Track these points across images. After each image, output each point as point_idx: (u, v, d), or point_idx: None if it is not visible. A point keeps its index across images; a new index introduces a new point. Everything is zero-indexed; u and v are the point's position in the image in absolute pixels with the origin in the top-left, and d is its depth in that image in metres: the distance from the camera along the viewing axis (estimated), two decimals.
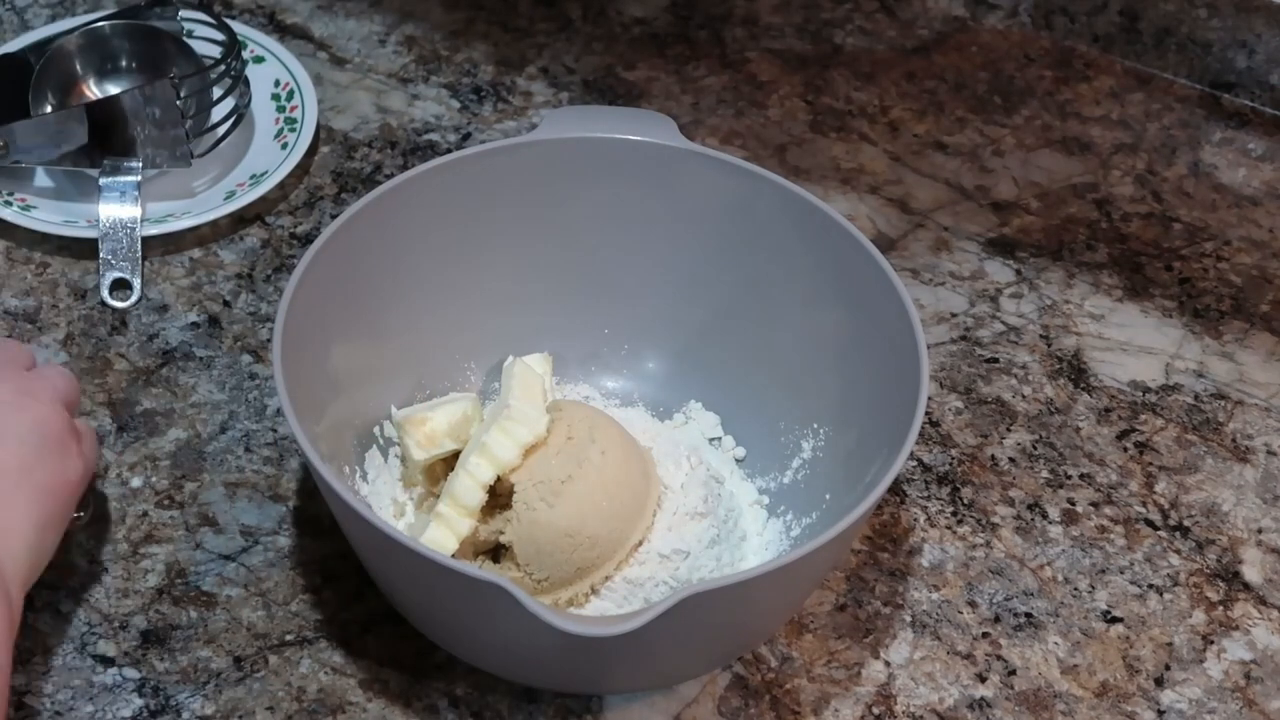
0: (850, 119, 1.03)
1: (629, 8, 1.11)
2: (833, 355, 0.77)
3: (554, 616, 0.59)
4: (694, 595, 0.60)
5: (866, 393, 0.74)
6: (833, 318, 0.76)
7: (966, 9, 1.12)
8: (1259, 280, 0.94)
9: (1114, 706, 0.72)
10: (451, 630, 0.70)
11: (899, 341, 0.71)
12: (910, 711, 0.71)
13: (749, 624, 0.70)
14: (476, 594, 0.62)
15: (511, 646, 0.67)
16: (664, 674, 0.71)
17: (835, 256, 0.75)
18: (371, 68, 1.04)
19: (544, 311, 0.82)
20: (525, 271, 0.81)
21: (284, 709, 0.70)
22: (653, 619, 0.59)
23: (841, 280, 0.76)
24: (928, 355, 0.70)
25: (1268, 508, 0.82)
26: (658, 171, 0.79)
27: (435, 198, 0.77)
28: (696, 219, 0.79)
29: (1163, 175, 1.01)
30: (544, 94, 1.03)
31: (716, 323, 0.81)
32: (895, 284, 0.72)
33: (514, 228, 0.80)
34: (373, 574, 0.72)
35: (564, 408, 0.74)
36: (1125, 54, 1.08)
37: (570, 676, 0.70)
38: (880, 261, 0.73)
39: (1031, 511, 0.80)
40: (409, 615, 0.71)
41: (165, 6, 0.96)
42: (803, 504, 0.77)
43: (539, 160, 0.79)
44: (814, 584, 0.73)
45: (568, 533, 0.70)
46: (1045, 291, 0.92)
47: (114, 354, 0.85)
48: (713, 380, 0.82)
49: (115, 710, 0.70)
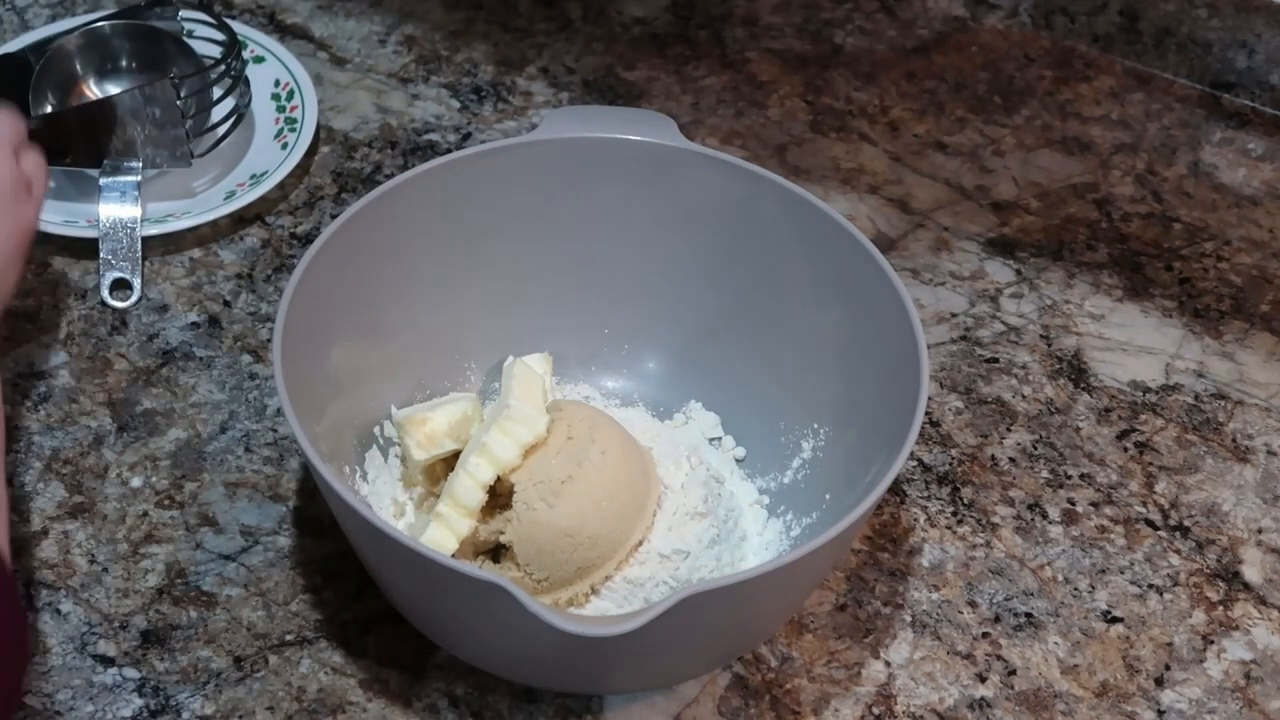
0: (850, 119, 1.03)
1: (629, 8, 1.11)
2: (833, 355, 0.77)
3: (554, 616, 0.59)
4: (694, 595, 0.60)
5: (866, 392, 0.74)
6: (832, 317, 0.76)
7: (966, 9, 1.12)
8: (1259, 280, 0.94)
9: (1114, 706, 0.72)
10: (451, 630, 0.70)
11: (899, 341, 0.71)
12: (910, 711, 0.71)
13: (749, 624, 0.70)
14: (476, 594, 0.62)
15: (511, 646, 0.67)
16: (663, 674, 0.71)
17: (835, 256, 0.75)
18: (371, 68, 1.04)
19: (544, 312, 0.82)
20: (525, 271, 0.81)
21: (284, 709, 0.70)
22: (652, 619, 0.59)
23: (842, 280, 0.76)
24: (928, 355, 0.70)
25: (1268, 508, 0.82)
26: (658, 171, 0.79)
27: (435, 198, 0.77)
28: (696, 219, 0.79)
29: (1163, 175, 1.01)
30: (544, 94, 1.03)
31: (717, 323, 0.81)
32: (895, 284, 0.72)
33: (514, 228, 0.80)
34: (373, 574, 0.72)
35: (564, 408, 0.74)
36: (1125, 54, 1.08)
37: (570, 676, 0.70)
38: (880, 261, 0.73)
39: (1031, 511, 0.80)
40: (409, 615, 0.71)
41: (165, 6, 0.96)
42: (803, 504, 0.77)
43: (538, 160, 0.79)
44: (814, 584, 0.73)
45: (568, 532, 0.70)
46: (1045, 291, 0.92)
47: (114, 354, 0.85)
48: (713, 380, 0.82)
49: (115, 710, 0.70)
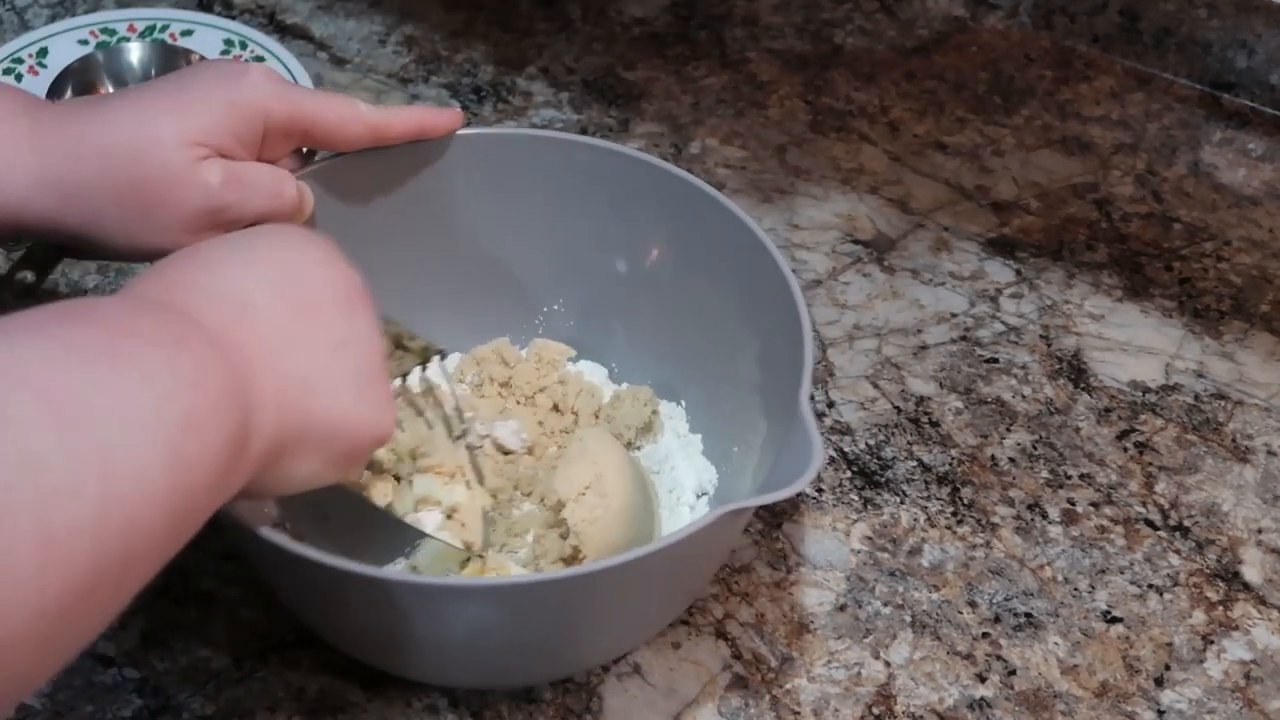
0: (850, 119, 1.03)
1: (629, 8, 1.11)
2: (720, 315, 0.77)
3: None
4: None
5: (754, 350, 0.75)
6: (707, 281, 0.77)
7: (966, 9, 1.12)
8: (1259, 280, 0.94)
9: (1114, 706, 0.72)
10: (406, 648, 0.68)
11: (777, 293, 0.71)
12: (910, 711, 0.71)
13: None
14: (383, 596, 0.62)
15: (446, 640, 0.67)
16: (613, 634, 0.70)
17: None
18: (371, 68, 1.04)
19: (449, 308, 0.80)
20: (424, 270, 0.79)
21: (284, 709, 0.70)
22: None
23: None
24: (805, 300, 0.70)
25: (1268, 508, 0.82)
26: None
27: (342, 191, 0.75)
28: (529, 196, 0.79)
29: (1163, 175, 1.01)
30: (544, 94, 1.03)
31: (629, 296, 0.81)
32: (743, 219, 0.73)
33: (411, 224, 0.78)
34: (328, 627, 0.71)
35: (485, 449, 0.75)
36: (1125, 54, 1.08)
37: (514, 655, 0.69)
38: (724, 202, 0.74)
39: (1031, 511, 0.80)
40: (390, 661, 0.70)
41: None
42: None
43: (435, 157, 0.77)
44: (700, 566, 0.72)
45: (627, 521, 0.71)
46: (1045, 291, 0.92)
47: None
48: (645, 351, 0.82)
49: (115, 710, 0.70)
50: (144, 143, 0.64)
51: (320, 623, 0.69)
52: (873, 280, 0.92)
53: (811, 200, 0.97)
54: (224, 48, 1.00)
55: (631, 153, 0.78)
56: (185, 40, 1.00)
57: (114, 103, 0.66)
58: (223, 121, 0.66)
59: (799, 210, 0.97)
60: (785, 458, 0.64)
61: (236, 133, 0.67)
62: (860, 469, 0.82)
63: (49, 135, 0.64)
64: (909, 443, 0.83)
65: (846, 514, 0.79)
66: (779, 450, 0.66)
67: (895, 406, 0.85)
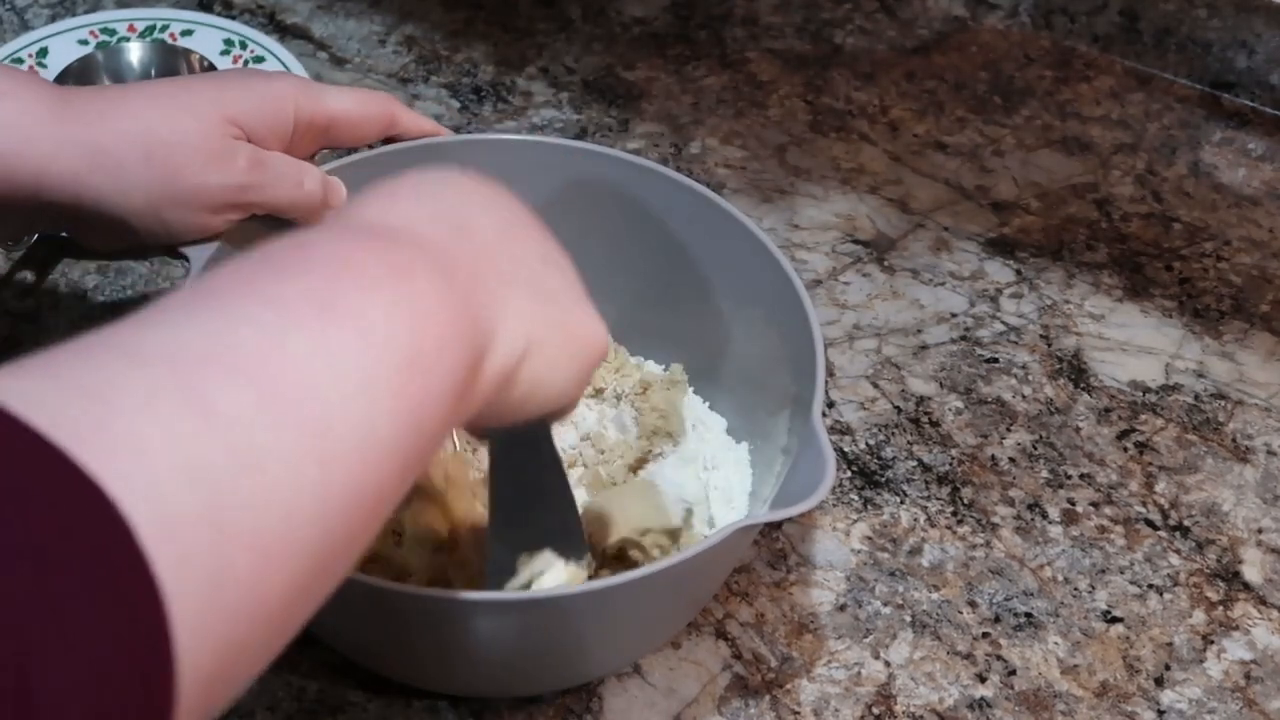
0: (850, 119, 1.03)
1: (629, 8, 1.11)
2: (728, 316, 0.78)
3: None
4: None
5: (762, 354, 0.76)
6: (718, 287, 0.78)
7: (966, 9, 1.12)
8: (1259, 280, 0.94)
9: (1114, 706, 0.72)
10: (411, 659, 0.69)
11: (785, 299, 0.73)
12: (910, 711, 0.71)
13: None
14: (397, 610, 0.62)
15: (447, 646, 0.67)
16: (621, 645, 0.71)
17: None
18: (371, 68, 1.04)
19: None
20: None
21: (284, 709, 0.70)
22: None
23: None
24: (814, 309, 0.72)
25: (1268, 508, 0.81)
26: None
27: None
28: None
29: (1163, 175, 1.01)
30: (544, 94, 1.03)
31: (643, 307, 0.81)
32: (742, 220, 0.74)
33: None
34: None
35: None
36: (1125, 54, 1.08)
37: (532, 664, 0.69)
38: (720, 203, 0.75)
39: (1031, 511, 0.80)
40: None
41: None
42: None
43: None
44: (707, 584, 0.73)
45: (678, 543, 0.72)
46: (1045, 291, 0.92)
47: None
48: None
49: None
50: (180, 111, 0.66)
51: (326, 632, 0.69)
52: (873, 280, 0.92)
53: (811, 200, 0.97)
54: (224, 48, 1.00)
55: (638, 160, 0.78)
56: (185, 40, 1.01)
57: (149, 84, 0.69)
58: (256, 109, 0.68)
59: (799, 210, 0.97)
60: (798, 470, 0.64)
61: (268, 122, 0.69)
62: (860, 469, 0.82)
63: (80, 100, 0.65)
64: (909, 443, 0.83)
65: (846, 514, 0.79)
66: (794, 462, 0.66)
67: (895, 406, 0.85)
